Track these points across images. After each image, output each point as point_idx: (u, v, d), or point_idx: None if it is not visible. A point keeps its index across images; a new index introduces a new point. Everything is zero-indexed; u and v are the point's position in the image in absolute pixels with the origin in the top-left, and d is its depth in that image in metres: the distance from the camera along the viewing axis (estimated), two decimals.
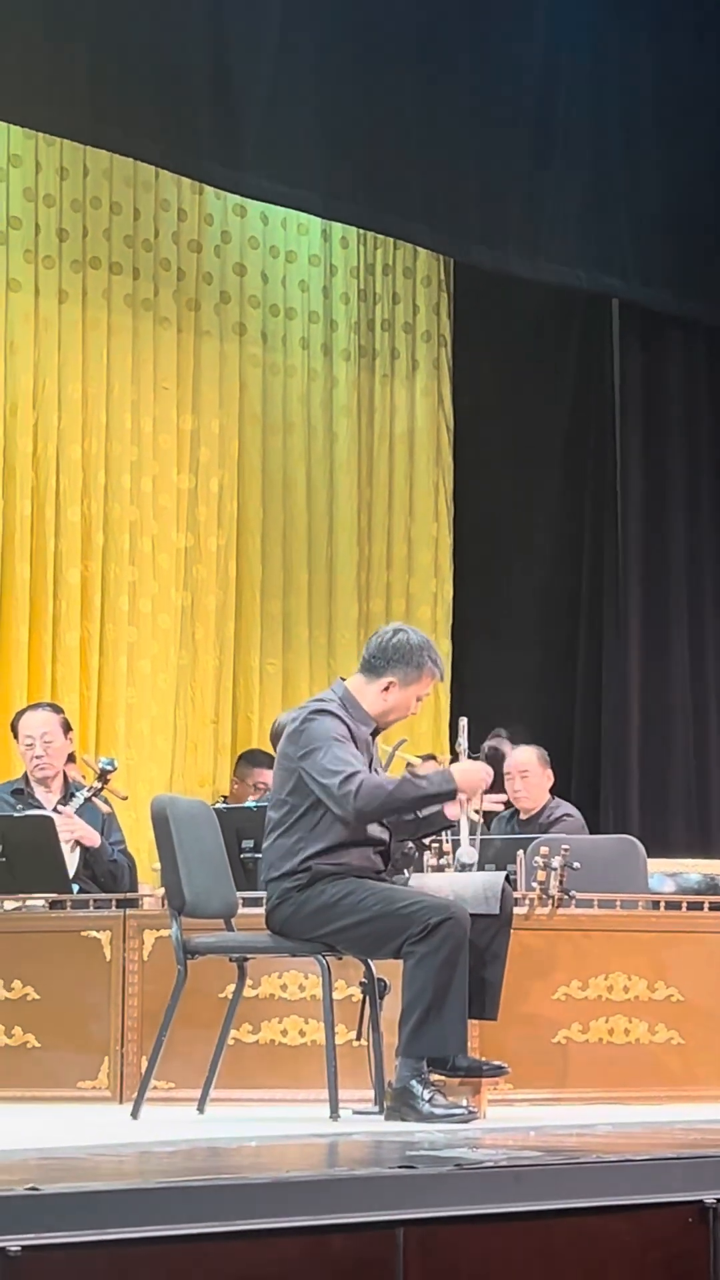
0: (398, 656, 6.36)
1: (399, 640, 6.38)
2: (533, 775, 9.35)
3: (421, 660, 6.36)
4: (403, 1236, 3.53)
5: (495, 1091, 6.54)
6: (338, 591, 11.83)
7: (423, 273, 12.30)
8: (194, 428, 11.26)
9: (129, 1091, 7.00)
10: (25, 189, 10.64)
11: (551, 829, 8.96)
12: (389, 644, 6.37)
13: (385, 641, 6.39)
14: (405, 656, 6.35)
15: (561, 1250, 3.75)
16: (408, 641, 6.37)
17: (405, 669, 6.35)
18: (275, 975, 7.20)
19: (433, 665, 6.39)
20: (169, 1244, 3.28)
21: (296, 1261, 3.41)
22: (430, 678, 6.41)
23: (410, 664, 6.35)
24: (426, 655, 6.38)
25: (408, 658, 6.35)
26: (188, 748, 11.09)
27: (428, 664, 6.38)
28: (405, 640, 6.38)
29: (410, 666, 6.35)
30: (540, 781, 9.40)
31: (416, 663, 6.36)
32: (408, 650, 6.36)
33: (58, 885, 7.70)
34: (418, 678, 6.37)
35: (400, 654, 6.35)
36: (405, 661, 6.35)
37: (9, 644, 10.41)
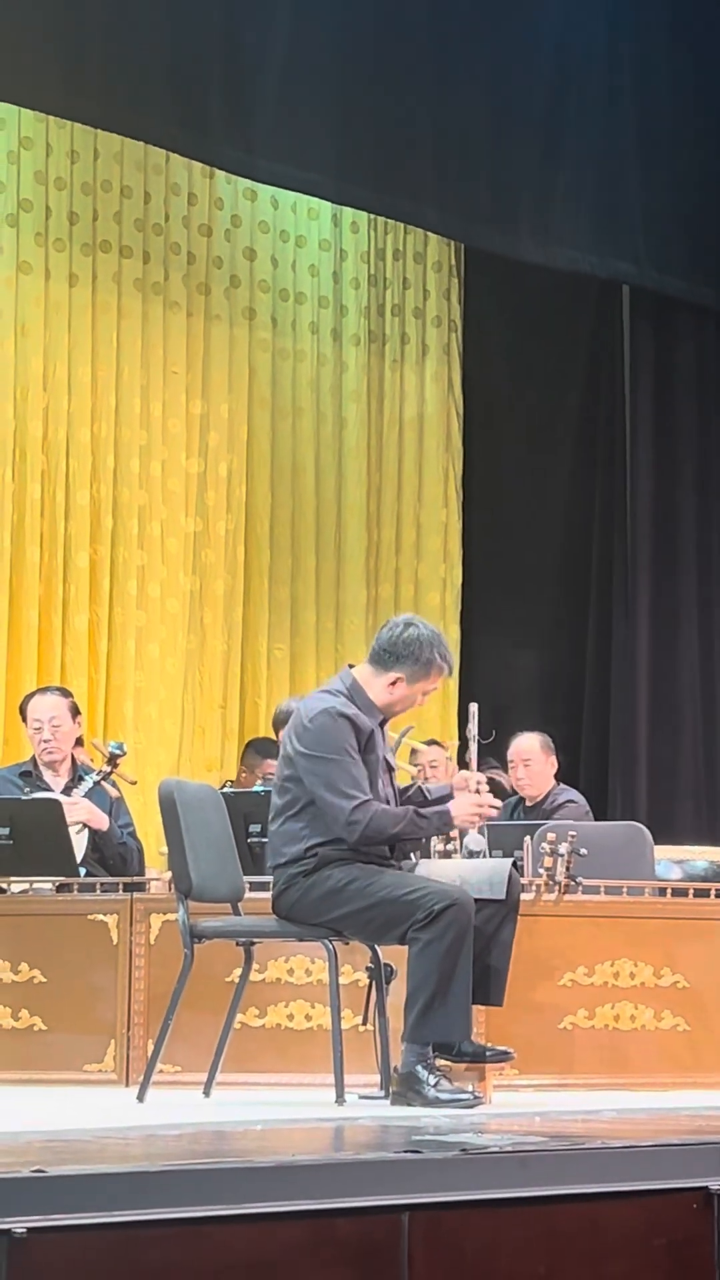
0: (407, 652, 6.34)
1: (409, 635, 6.36)
2: (535, 762, 9.35)
3: (430, 657, 6.35)
4: (408, 1221, 3.53)
5: (501, 1077, 6.55)
6: (346, 577, 11.83)
7: (433, 258, 12.28)
8: (203, 412, 11.26)
9: (135, 1075, 7.00)
10: (36, 172, 10.64)
11: (555, 815, 8.96)
12: (399, 639, 6.36)
13: (396, 636, 6.37)
14: (414, 653, 6.34)
15: (566, 1236, 3.75)
16: (418, 637, 6.35)
17: (414, 665, 6.34)
18: (282, 960, 7.21)
19: (441, 661, 6.38)
20: (174, 1226, 3.28)
21: (301, 1245, 3.41)
22: (438, 674, 6.40)
23: (419, 661, 6.34)
24: (435, 651, 6.36)
25: (417, 654, 6.34)
26: (195, 732, 11.09)
27: (436, 660, 6.36)
28: (415, 635, 6.36)
29: (419, 664, 6.34)
30: (544, 769, 9.40)
31: (425, 660, 6.35)
32: (418, 646, 6.34)
33: (65, 868, 7.71)
34: (425, 674, 6.36)
35: (410, 650, 6.34)
36: (414, 658, 6.34)
37: (18, 627, 10.42)
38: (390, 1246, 3.50)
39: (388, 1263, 3.49)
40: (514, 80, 11.14)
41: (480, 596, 12.21)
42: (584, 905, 7.29)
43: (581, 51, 11.41)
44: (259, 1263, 3.34)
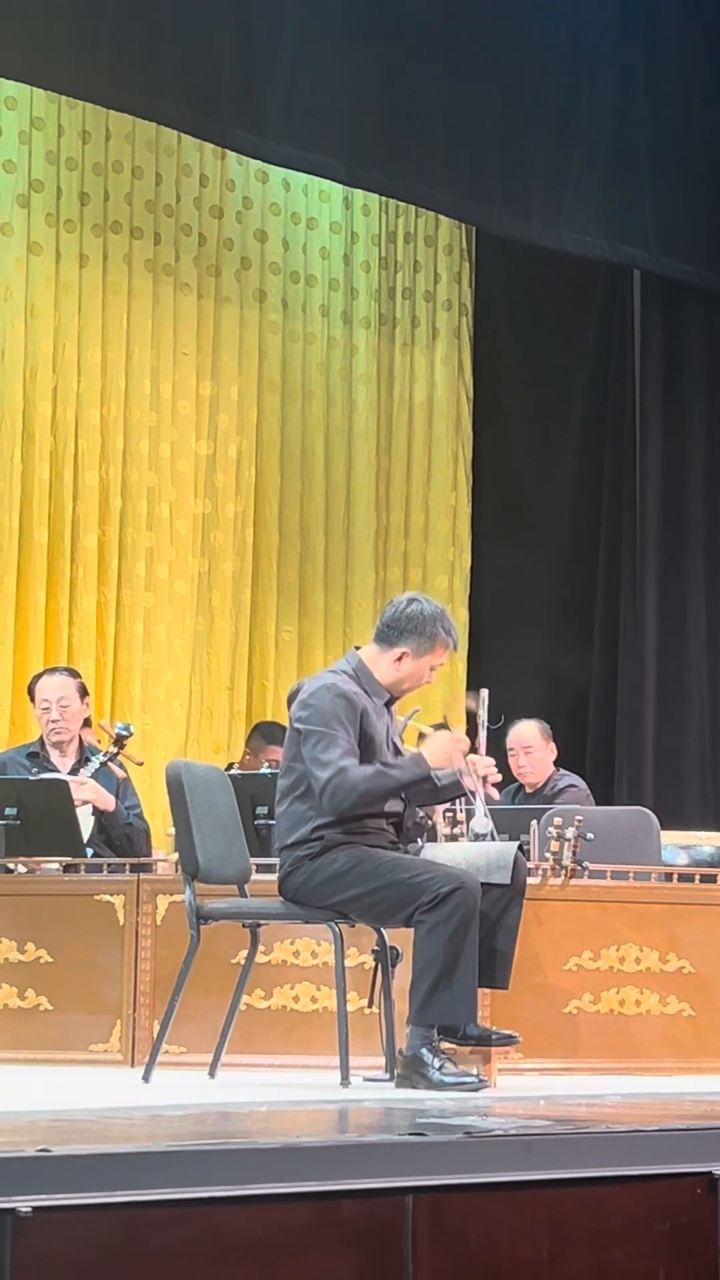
0: (411, 627, 6.35)
1: (413, 610, 6.37)
2: (535, 750, 9.32)
3: (435, 631, 6.36)
4: (412, 1203, 3.54)
5: (505, 1060, 6.55)
6: (355, 559, 11.83)
7: (444, 241, 12.27)
8: (213, 394, 11.25)
9: (140, 1055, 7.02)
10: (48, 152, 10.63)
11: (557, 800, 8.94)
12: (403, 614, 6.37)
13: (399, 611, 6.38)
14: (419, 627, 6.35)
15: (570, 1219, 3.76)
16: (421, 611, 6.37)
17: (419, 639, 6.35)
18: (288, 942, 7.22)
19: (446, 635, 6.39)
20: (178, 1207, 3.29)
21: (305, 1226, 3.42)
22: (444, 648, 6.40)
23: (424, 635, 6.35)
24: (440, 625, 6.37)
25: (421, 628, 6.35)
26: (203, 714, 11.10)
27: (441, 634, 6.37)
28: (419, 610, 6.37)
29: (424, 637, 6.35)
30: (543, 755, 9.37)
31: (430, 633, 6.35)
32: (421, 620, 6.36)
33: (72, 849, 7.72)
34: (431, 648, 6.37)
35: (414, 624, 6.35)
36: (419, 632, 6.35)
37: (27, 608, 10.42)
38: (394, 1229, 3.51)
39: (392, 1245, 3.50)
40: (526, 64, 11.12)
41: (488, 580, 12.21)
42: (590, 890, 7.29)
43: (594, 35, 11.38)
44: (263, 1244, 3.35)
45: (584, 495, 12.26)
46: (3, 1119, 4.55)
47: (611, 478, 12.18)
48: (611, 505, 12.14)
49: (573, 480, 12.31)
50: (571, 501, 12.30)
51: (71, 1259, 3.14)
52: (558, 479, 12.34)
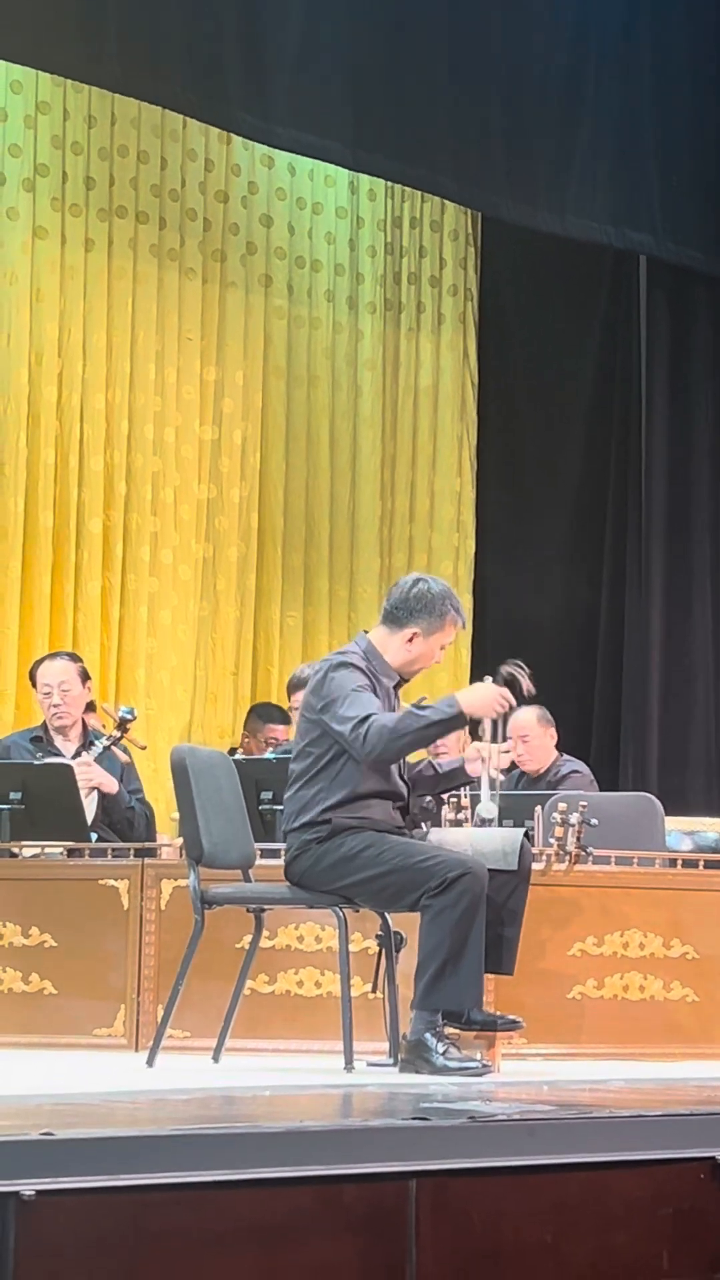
0: (420, 606, 6.36)
1: (420, 590, 6.38)
2: (534, 737, 9.27)
3: (444, 609, 6.37)
4: (415, 1188, 3.54)
5: (510, 1046, 6.56)
6: (359, 545, 11.82)
7: (450, 226, 12.25)
8: (218, 379, 11.25)
9: (145, 1040, 7.03)
10: (53, 136, 10.62)
11: (560, 786, 8.93)
12: (410, 594, 6.37)
13: (406, 592, 6.39)
14: (427, 606, 6.35)
15: (573, 1204, 3.76)
16: (429, 591, 6.37)
17: (428, 618, 6.35)
18: (292, 926, 7.22)
19: (455, 613, 6.40)
20: (182, 1190, 3.29)
21: (309, 1210, 3.42)
22: (453, 626, 6.41)
23: (433, 613, 6.35)
24: (448, 604, 6.38)
25: (430, 607, 6.35)
26: (207, 699, 11.10)
27: (450, 612, 6.38)
28: (426, 590, 6.38)
29: (433, 616, 6.36)
30: (543, 742, 9.33)
31: (439, 612, 6.36)
32: (429, 599, 6.36)
33: (76, 833, 7.72)
34: (440, 626, 6.38)
35: (422, 604, 6.36)
36: (428, 611, 6.35)
37: (31, 592, 10.42)
38: (397, 1213, 3.51)
39: (395, 1229, 3.50)
40: (532, 48, 11.10)
41: (493, 566, 12.20)
42: (594, 875, 7.30)
43: (600, 19, 11.36)
44: (267, 1228, 3.35)
45: (589, 481, 12.25)
46: (7, 1103, 4.56)
47: (617, 463, 12.17)
48: (617, 491, 12.13)
49: (578, 466, 12.30)
50: (577, 487, 12.29)
51: (75, 1242, 3.14)
52: (563, 465, 12.33)
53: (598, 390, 12.27)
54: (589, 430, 12.29)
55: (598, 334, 12.29)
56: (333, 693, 6.24)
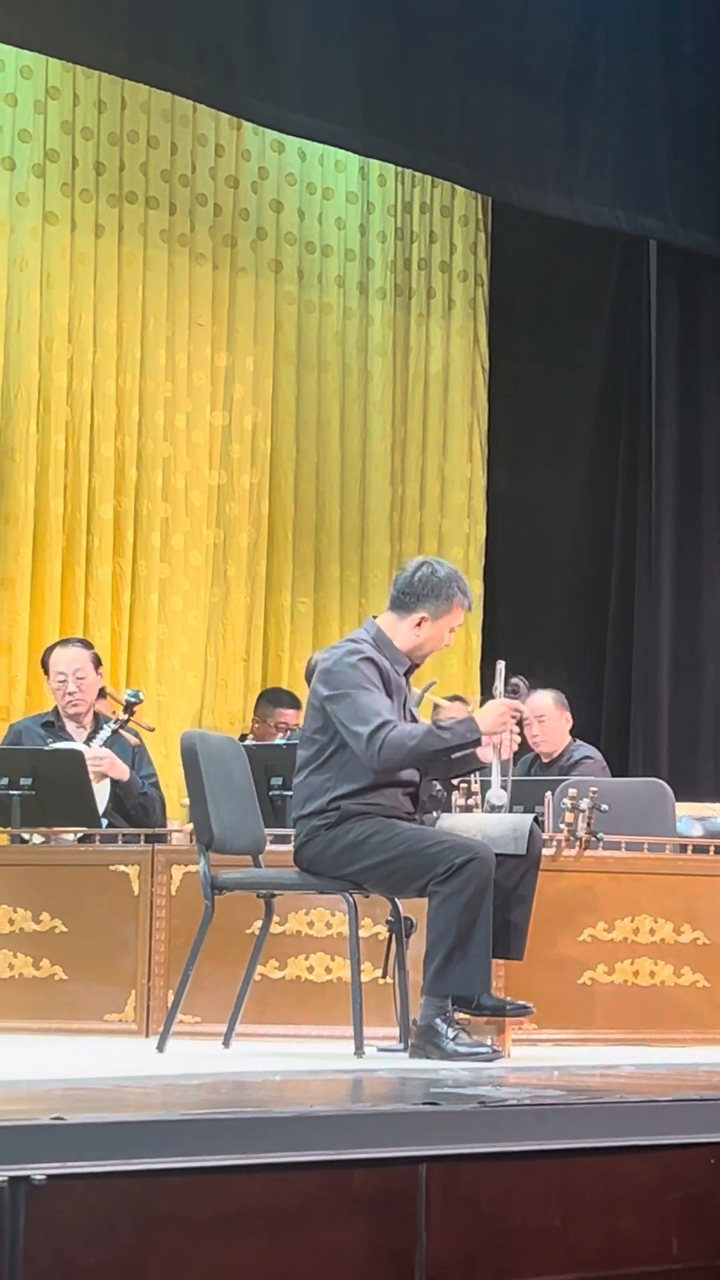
0: (427, 590, 6.36)
1: (426, 574, 6.38)
2: (549, 719, 9.29)
3: (451, 592, 6.37)
4: (425, 1173, 3.55)
5: (520, 1031, 6.56)
6: (370, 531, 11.82)
7: (460, 211, 12.24)
8: (228, 365, 11.24)
9: (155, 1025, 7.04)
10: (63, 122, 10.61)
11: (572, 772, 8.93)
12: (416, 578, 6.37)
13: (411, 577, 6.39)
14: (434, 590, 6.36)
15: (583, 1189, 3.77)
16: (435, 574, 6.38)
17: (435, 602, 6.36)
18: (302, 912, 7.23)
19: (462, 595, 6.40)
20: (192, 1175, 3.30)
21: (318, 1195, 3.43)
22: (461, 608, 6.41)
23: (440, 597, 6.36)
24: (455, 586, 6.38)
25: (437, 590, 6.36)
26: (218, 685, 11.10)
27: (457, 595, 6.38)
28: (433, 573, 6.38)
29: (440, 599, 6.36)
30: (558, 725, 9.35)
31: (446, 595, 6.36)
32: (436, 583, 6.36)
33: (87, 819, 7.73)
34: (448, 609, 6.38)
35: (429, 587, 6.36)
36: (435, 595, 6.35)
37: (42, 579, 10.43)
38: (407, 1197, 3.52)
39: (405, 1213, 3.51)
40: (541, 32, 11.08)
41: (503, 552, 12.20)
42: (605, 861, 7.30)
43: (608, 3, 11.33)
44: (276, 1212, 3.36)
45: (599, 466, 12.25)
46: (18, 1088, 4.57)
47: (627, 448, 12.15)
48: (627, 476, 12.12)
49: (588, 450, 12.29)
50: (587, 473, 12.28)
51: (85, 1226, 3.15)
52: (573, 449, 12.32)
53: (608, 375, 12.26)
54: (599, 415, 12.27)
55: (608, 319, 12.28)
56: (342, 686, 6.23)
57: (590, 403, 12.30)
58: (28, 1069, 5.58)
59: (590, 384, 12.29)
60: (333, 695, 6.25)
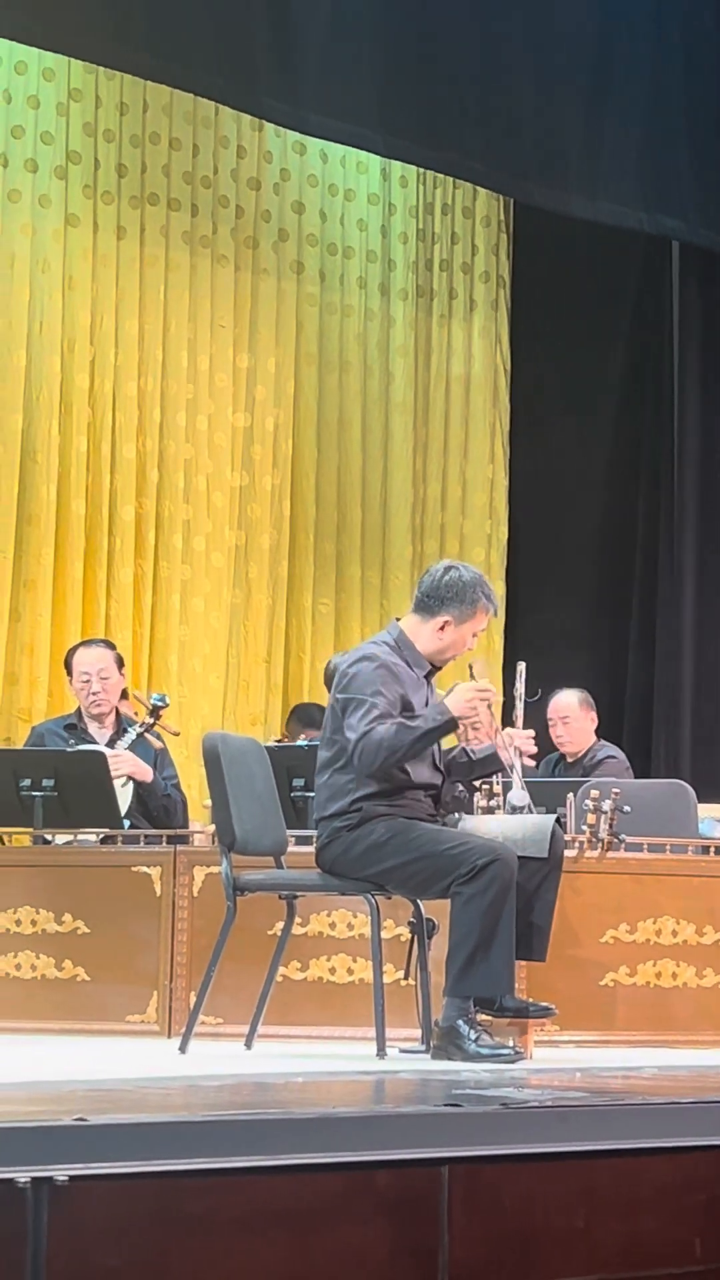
0: (451, 594, 6.35)
1: (451, 578, 6.37)
2: (574, 719, 9.31)
3: (475, 597, 6.36)
4: (447, 1174, 3.54)
5: (542, 1033, 6.56)
6: (391, 532, 11.82)
7: (482, 213, 12.24)
8: (250, 366, 11.25)
9: (177, 1026, 7.04)
10: (85, 124, 10.63)
11: (595, 772, 8.93)
12: (441, 582, 6.37)
13: (438, 580, 6.38)
14: (459, 594, 6.35)
15: (605, 1190, 3.76)
16: (460, 579, 6.37)
17: (460, 607, 6.35)
18: (324, 913, 7.23)
19: (486, 601, 6.39)
20: (214, 1176, 3.30)
21: (341, 1196, 3.43)
22: (485, 613, 6.41)
23: (465, 601, 6.35)
24: (480, 591, 6.37)
25: (461, 595, 6.35)
26: (240, 686, 11.11)
27: (481, 600, 6.37)
28: (458, 577, 6.37)
29: (465, 604, 6.35)
30: (583, 725, 9.36)
31: (470, 599, 6.36)
32: (461, 587, 6.36)
33: (109, 820, 7.74)
34: (472, 614, 6.37)
35: (454, 591, 6.35)
36: (459, 599, 6.35)
37: (64, 580, 10.44)
38: (429, 1199, 3.51)
39: (427, 1215, 3.51)
40: (562, 33, 11.07)
41: (525, 553, 12.19)
42: (627, 862, 7.29)
43: (629, 4, 11.32)
44: (298, 1213, 3.36)
45: (622, 467, 12.24)
46: (40, 1088, 4.57)
47: (649, 448, 12.15)
48: (649, 477, 12.11)
49: (610, 452, 12.28)
50: (609, 474, 12.28)
51: (108, 1227, 3.15)
52: (595, 451, 12.31)
53: (630, 376, 12.25)
54: (621, 416, 12.27)
55: (630, 320, 12.26)
56: (350, 691, 6.24)
57: (612, 404, 12.29)
58: (50, 1070, 5.59)
59: (612, 385, 12.28)
60: (344, 700, 6.26)
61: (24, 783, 7.66)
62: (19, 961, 7.49)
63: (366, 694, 6.20)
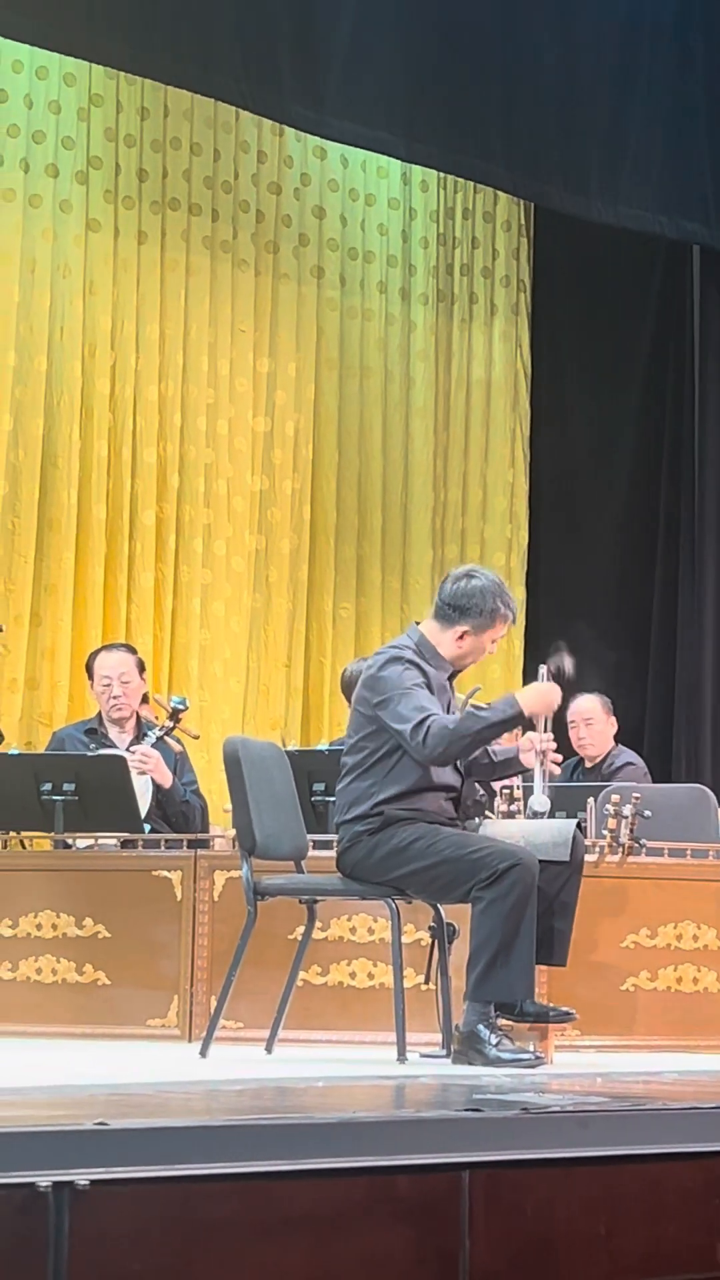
0: (470, 604, 6.35)
1: (471, 587, 6.36)
2: (596, 723, 9.31)
3: (494, 607, 6.36)
4: (468, 1179, 3.54)
5: (563, 1037, 6.55)
6: (412, 537, 11.82)
7: (503, 217, 12.24)
8: (270, 371, 11.26)
9: (198, 1030, 7.04)
10: (106, 129, 10.64)
11: (614, 777, 8.93)
12: (461, 591, 6.36)
13: (458, 589, 6.38)
14: (478, 604, 6.35)
15: (626, 1196, 3.76)
16: (480, 589, 6.36)
17: (478, 617, 6.35)
18: (344, 918, 7.23)
19: (505, 609, 6.39)
20: (235, 1181, 3.29)
21: (361, 1201, 3.42)
22: (503, 622, 6.40)
23: (483, 612, 6.35)
24: (499, 600, 6.37)
25: (480, 605, 6.35)
26: (260, 690, 11.11)
27: (500, 609, 6.37)
28: (477, 586, 6.37)
29: (483, 615, 6.35)
30: (604, 729, 9.36)
31: (489, 609, 6.35)
32: (480, 597, 6.35)
33: (130, 825, 7.74)
34: (491, 624, 6.37)
35: (472, 601, 6.35)
36: (478, 609, 6.34)
37: (85, 585, 10.45)
38: (450, 1204, 3.51)
39: (447, 1220, 3.50)
40: (584, 38, 11.07)
41: (546, 558, 12.18)
42: (647, 867, 7.29)
43: (652, 10, 11.32)
44: (319, 1218, 3.35)
45: (642, 472, 12.23)
46: (61, 1093, 4.57)
47: (670, 454, 12.13)
48: (670, 482, 12.10)
49: (631, 457, 12.27)
50: (630, 478, 12.27)
51: (128, 1232, 3.15)
52: (616, 455, 12.30)
53: (651, 381, 12.24)
54: (642, 420, 12.26)
55: (651, 325, 12.26)
56: (388, 689, 6.25)
57: (633, 408, 12.28)
58: (71, 1074, 5.59)
59: (633, 389, 12.28)
60: (380, 700, 6.26)
61: (45, 787, 7.66)
62: (40, 966, 7.49)
63: (405, 685, 6.21)
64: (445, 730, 6.14)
